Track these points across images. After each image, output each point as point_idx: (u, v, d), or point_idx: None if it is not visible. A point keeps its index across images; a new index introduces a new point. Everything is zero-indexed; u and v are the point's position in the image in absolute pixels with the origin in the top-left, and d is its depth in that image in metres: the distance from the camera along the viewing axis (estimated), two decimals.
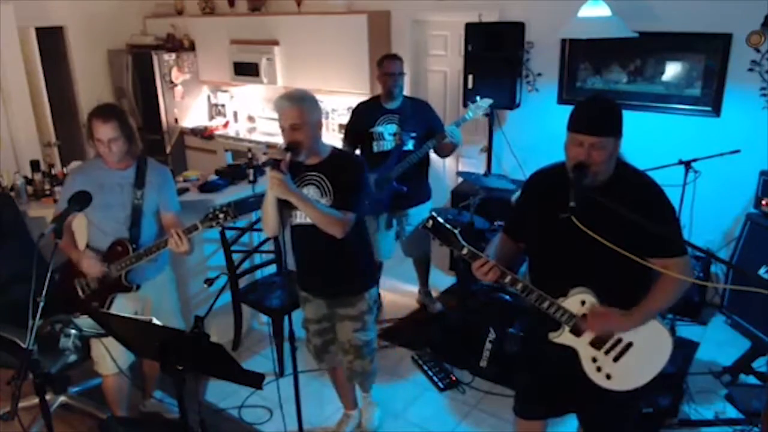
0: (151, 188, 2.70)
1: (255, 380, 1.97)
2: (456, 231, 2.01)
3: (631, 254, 1.87)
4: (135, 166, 2.69)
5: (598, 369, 2.06)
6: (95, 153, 2.65)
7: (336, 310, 2.67)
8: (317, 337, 2.76)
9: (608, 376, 2.05)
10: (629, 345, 2.03)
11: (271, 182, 2.26)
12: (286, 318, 3.40)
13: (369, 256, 2.73)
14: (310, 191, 2.44)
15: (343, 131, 3.94)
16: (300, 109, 2.35)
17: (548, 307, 2.02)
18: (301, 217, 2.46)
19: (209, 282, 2.44)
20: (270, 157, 2.32)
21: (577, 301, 2.02)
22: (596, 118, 1.92)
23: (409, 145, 3.64)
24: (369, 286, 2.68)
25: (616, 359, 2.04)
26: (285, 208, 2.34)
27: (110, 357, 2.53)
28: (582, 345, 2.06)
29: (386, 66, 3.63)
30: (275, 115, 6.86)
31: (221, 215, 2.45)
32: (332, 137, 5.38)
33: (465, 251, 2.00)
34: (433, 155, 3.84)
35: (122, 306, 2.70)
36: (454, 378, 3.41)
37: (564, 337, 2.06)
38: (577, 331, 2.04)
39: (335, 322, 2.71)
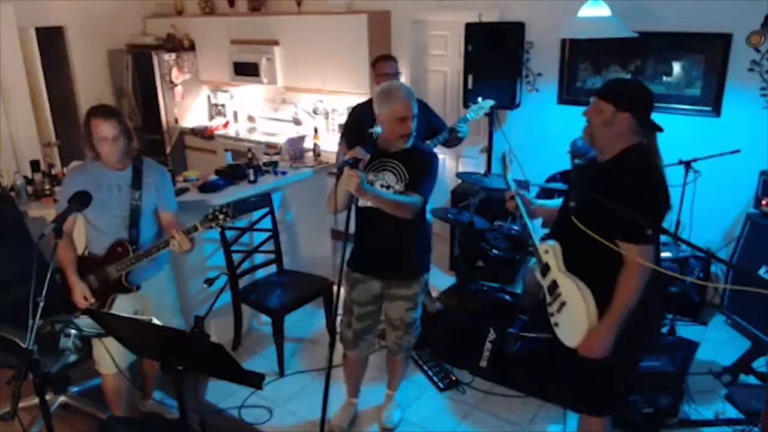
0: (148, 188, 2.70)
1: (255, 380, 1.97)
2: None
3: (604, 236, 2.00)
4: (131, 166, 2.69)
5: (551, 314, 2.26)
6: (92, 155, 2.64)
7: (390, 291, 2.77)
8: (359, 321, 2.82)
9: (556, 324, 2.25)
10: (564, 303, 2.19)
11: (348, 181, 2.36)
12: (285, 317, 3.45)
13: (428, 242, 2.87)
14: (386, 176, 2.60)
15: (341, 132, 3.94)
16: (411, 103, 2.55)
17: (530, 246, 2.38)
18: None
19: (209, 282, 2.43)
20: (351, 156, 2.41)
21: (544, 248, 2.27)
22: (605, 84, 2.16)
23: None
24: (425, 270, 2.86)
25: (558, 309, 2.22)
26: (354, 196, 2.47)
27: (110, 356, 2.53)
28: (545, 287, 2.29)
29: (381, 67, 3.63)
30: (275, 115, 6.86)
31: (221, 216, 2.47)
32: (333, 137, 5.39)
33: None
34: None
35: (122, 306, 2.70)
36: (454, 378, 3.41)
37: (537, 274, 2.33)
38: (543, 273, 2.28)
39: (385, 302, 2.81)
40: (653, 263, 2.04)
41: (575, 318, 2.14)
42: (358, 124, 3.74)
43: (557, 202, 2.42)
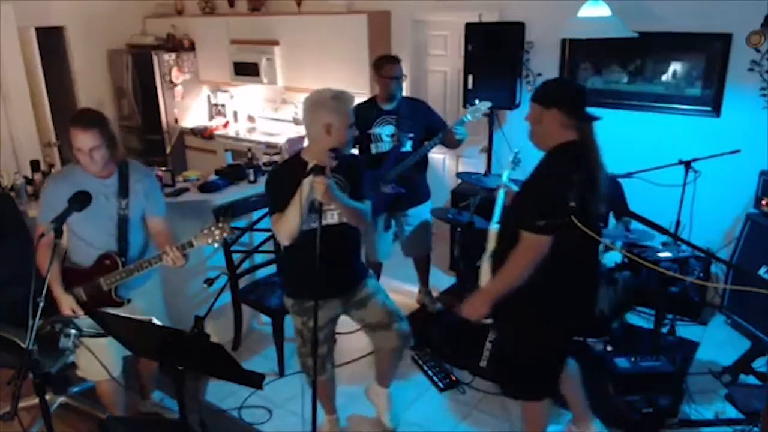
0: (136, 195, 2.60)
1: (255, 380, 1.98)
2: None
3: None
4: (117, 173, 2.59)
5: None
6: (75, 161, 2.53)
7: (353, 299, 2.70)
8: (323, 344, 2.68)
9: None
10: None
11: (317, 189, 2.25)
12: (285, 317, 3.45)
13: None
14: None
15: None
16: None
17: None
18: (324, 218, 2.45)
19: (209, 282, 2.43)
20: (316, 164, 2.31)
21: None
22: (536, 88, 2.29)
23: (407, 147, 3.64)
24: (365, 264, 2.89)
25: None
26: (319, 211, 2.31)
27: (99, 363, 2.46)
28: None
29: (388, 70, 3.56)
30: (275, 115, 6.85)
31: (217, 232, 2.41)
32: None
33: None
34: (433, 155, 3.83)
35: None
36: (454, 378, 3.41)
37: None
38: None
39: (354, 312, 2.74)
40: (565, 259, 2.18)
41: None
42: (358, 124, 3.73)
43: None
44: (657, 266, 2.16)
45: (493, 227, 2.57)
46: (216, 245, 2.45)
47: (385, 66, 3.58)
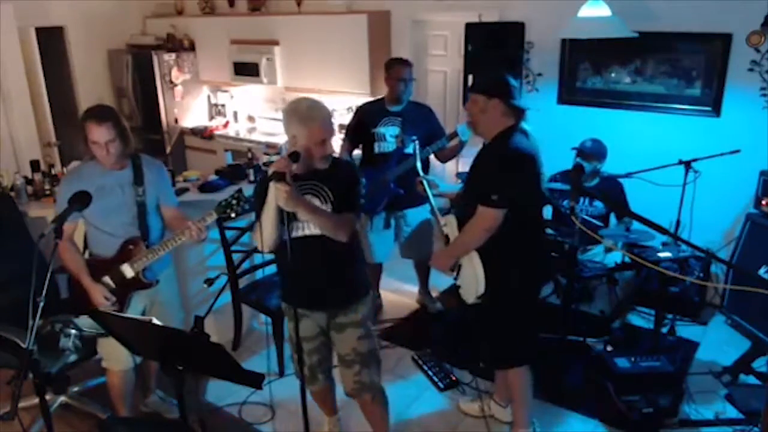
0: (149, 185, 2.71)
1: (255, 380, 1.97)
2: None
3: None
4: (131, 164, 2.70)
5: (455, 279, 2.72)
6: (89, 156, 2.62)
7: (336, 320, 2.50)
8: (313, 354, 2.57)
9: (459, 287, 2.66)
10: (460, 266, 2.65)
11: (278, 195, 2.15)
12: (285, 317, 3.44)
13: (363, 259, 2.67)
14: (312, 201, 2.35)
15: (343, 131, 3.94)
16: (330, 122, 2.35)
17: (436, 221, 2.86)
18: (304, 229, 2.36)
19: (209, 282, 2.43)
20: (274, 171, 2.18)
21: (444, 221, 2.74)
22: (474, 80, 2.61)
23: (410, 149, 3.64)
24: (368, 289, 2.61)
25: (458, 273, 2.67)
26: (287, 220, 2.19)
27: (127, 351, 2.51)
28: None
29: (397, 71, 3.62)
30: (275, 115, 6.84)
31: (234, 201, 2.52)
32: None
33: None
34: (434, 159, 3.83)
35: (135, 302, 2.73)
36: (454, 378, 3.41)
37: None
38: (446, 244, 2.73)
39: (332, 332, 2.54)
40: (520, 236, 2.48)
41: (468, 276, 2.57)
42: (361, 124, 3.75)
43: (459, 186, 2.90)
44: (657, 266, 2.17)
45: (447, 216, 2.72)
46: (234, 215, 2.54)
47: (393, 67, 3.66)
